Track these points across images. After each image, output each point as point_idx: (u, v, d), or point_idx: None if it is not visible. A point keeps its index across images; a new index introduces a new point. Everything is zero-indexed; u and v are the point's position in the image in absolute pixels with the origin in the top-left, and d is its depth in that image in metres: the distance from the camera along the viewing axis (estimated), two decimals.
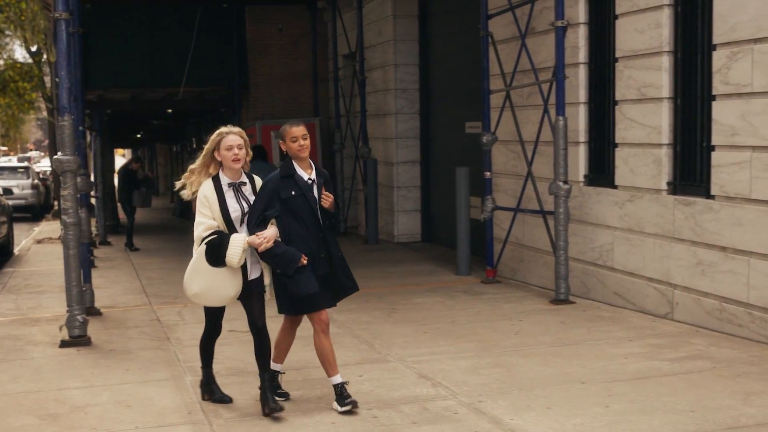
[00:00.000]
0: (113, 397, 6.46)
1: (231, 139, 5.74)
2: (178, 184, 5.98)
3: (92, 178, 19.59)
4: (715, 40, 7.77)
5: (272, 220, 5.81)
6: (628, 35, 8.89)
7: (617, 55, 9.09)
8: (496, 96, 11.02)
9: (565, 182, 9.43)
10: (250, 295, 5.89)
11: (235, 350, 7.84)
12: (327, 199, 5.88)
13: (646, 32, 8.62)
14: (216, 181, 5.79)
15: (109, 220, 19.91)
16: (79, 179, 8.98)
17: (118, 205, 19.50)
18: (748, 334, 7.51)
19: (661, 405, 5.80)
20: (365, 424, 5.65)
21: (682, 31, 8.32)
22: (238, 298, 5.90)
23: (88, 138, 22.64)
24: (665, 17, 8.38)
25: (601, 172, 9.63)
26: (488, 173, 11.08)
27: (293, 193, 5.79)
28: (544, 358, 7.14)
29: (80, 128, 10.34)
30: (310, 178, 5.87)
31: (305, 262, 5.76)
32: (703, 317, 8.02)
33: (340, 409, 5.85)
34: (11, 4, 28.76)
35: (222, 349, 7.90)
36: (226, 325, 8.76)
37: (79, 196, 9.41)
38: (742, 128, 7.48)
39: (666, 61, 8.42)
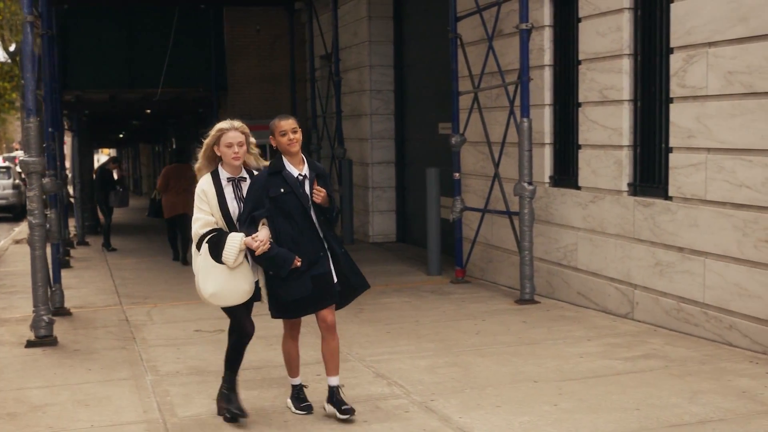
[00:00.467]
0: (72, 397, 6.53)
1: (231, 135, 5.58)
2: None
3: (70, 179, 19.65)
4: (673, 43, 7.88)
5: (263, 220, 5.56)
6: (590, 38, 9.00)
7: (580, 57, 9.19)
8: (465, 98, 11.11)
9: (530, 183, 9.52)
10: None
11: (198, 350, 7.92)
12: (319, 194, 5.59)
13: (607, 35, 8.73)
14: (215, 175, 5.62)
15: (88, 221, 19.93)
16: (46, 180, 9.05)
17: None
18: (703, 333, 7.63)
19: (609, 403, 5.89)
20: (316, 422, 5.73)
21: (642, 35, 8.43)
22: None
23: (70, 138, 22.66)
24: (625, 21, 8.48)
25: (566, 174, 9.74)
26: (457, 174, 11.17)
27: (282, 190, 5.54)
28: (502, 358, 7.23)
29: (50, 129, 10.34)
30: (300, 174, 5.62)
31: (299, 263, 5.50)
32: (662, 317, 8.13)
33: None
34: None
35: (186, 348, 8.03)
36: (192, 324, 8.98)
37: (47, 197, 9.50)
38: (698, 130, 7.60)
39: (626, 64, 8.52)
